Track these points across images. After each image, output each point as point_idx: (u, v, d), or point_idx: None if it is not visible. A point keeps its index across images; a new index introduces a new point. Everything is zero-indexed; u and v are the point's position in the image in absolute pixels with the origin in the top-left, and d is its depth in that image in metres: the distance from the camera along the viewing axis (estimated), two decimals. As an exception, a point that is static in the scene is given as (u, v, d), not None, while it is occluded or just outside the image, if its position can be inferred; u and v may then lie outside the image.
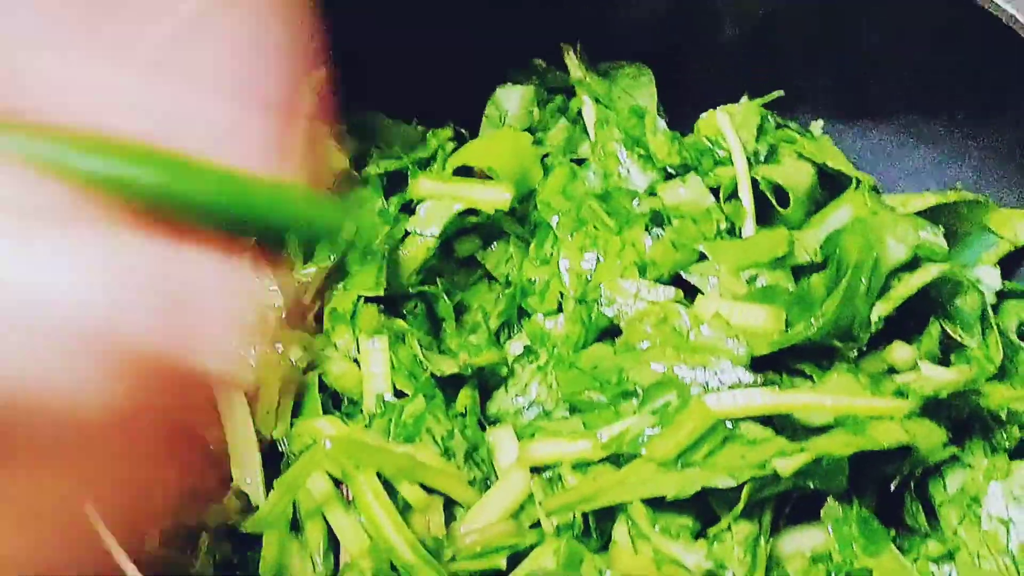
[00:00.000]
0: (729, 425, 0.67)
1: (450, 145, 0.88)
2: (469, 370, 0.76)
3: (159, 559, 0.69)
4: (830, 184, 0.85)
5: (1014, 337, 0.80)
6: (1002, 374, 0.76)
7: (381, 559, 0.67)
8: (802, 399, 0.69)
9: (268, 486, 0.72)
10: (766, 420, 0.68)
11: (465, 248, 0.86)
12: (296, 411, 0.76)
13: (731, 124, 0.84)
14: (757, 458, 0.66)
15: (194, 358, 0.38)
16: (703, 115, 0.87)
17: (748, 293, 0.76)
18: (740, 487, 0.65)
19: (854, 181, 0.83)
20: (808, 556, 0.69)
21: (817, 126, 0.90)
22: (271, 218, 0.42)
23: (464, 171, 0.84)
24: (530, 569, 0.67)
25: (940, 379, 0.72)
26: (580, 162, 0.88)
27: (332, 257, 0.80)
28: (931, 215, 0.82)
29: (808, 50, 0.87)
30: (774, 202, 0.82)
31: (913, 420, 0.70)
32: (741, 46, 0.89)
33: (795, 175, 0.83)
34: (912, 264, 0.76)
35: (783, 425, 0.69)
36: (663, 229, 0.81)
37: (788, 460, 0.65)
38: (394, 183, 0.85)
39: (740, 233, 0.81)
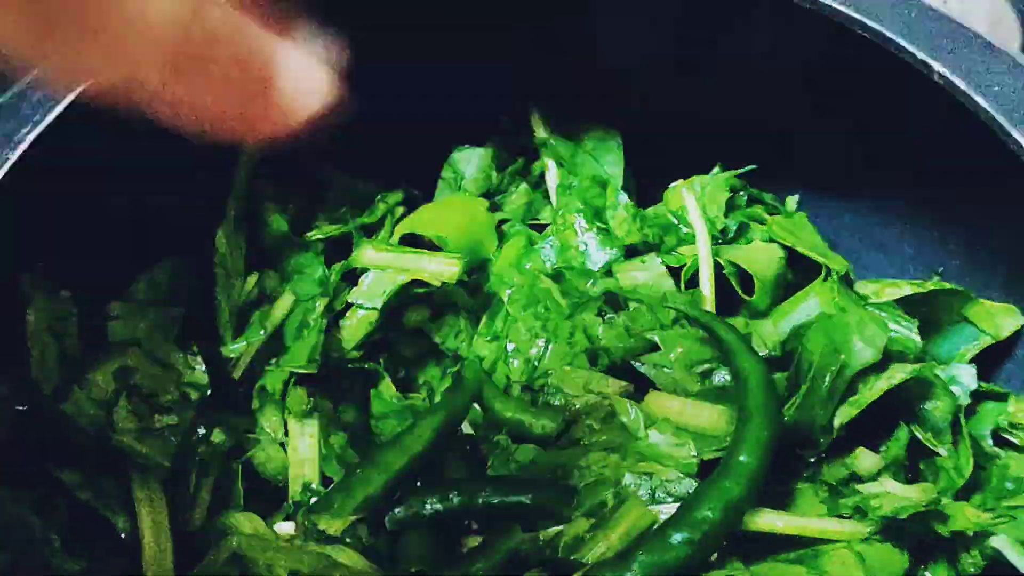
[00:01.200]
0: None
1: (399, 210, 0.83)
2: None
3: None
4: (801, 263, 0.80)
5: (988, 444, 0.74)
6: (972, 487, 0.71)
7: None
8: (753, 518, 0.64)
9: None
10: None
11: (413, 318, 0.80)
12: (223, 498, 0.71)
13: (697, 201, 0.79)
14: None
15: None
16: (672, 184, 0.82)
17: (701, 390, 0.71)
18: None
19: (823, 270, 0.78)
20: None
21: (793, 200, 0.84)
22: None
23: (413, 237, 0.79)
24: None
25: (902, 497, 0.67)
26: (541, 227, 0.83)
27: (264, 332, 0.75)
28: (907, 304, 0.77)
29: (791, 118, 0.81)
30: (738, 289, 0.77)
31: (871, 543, 0.65)
32: (719, 110, 0.83)
33: (762, 259, 0.78)
34: (882, 362, 0.71)
35: (734, 536, 0.64)
36: (617, 313, 0.75)
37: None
38: (337, 248, 0.80)
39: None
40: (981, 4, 1.02)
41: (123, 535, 0.69)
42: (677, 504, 0.64)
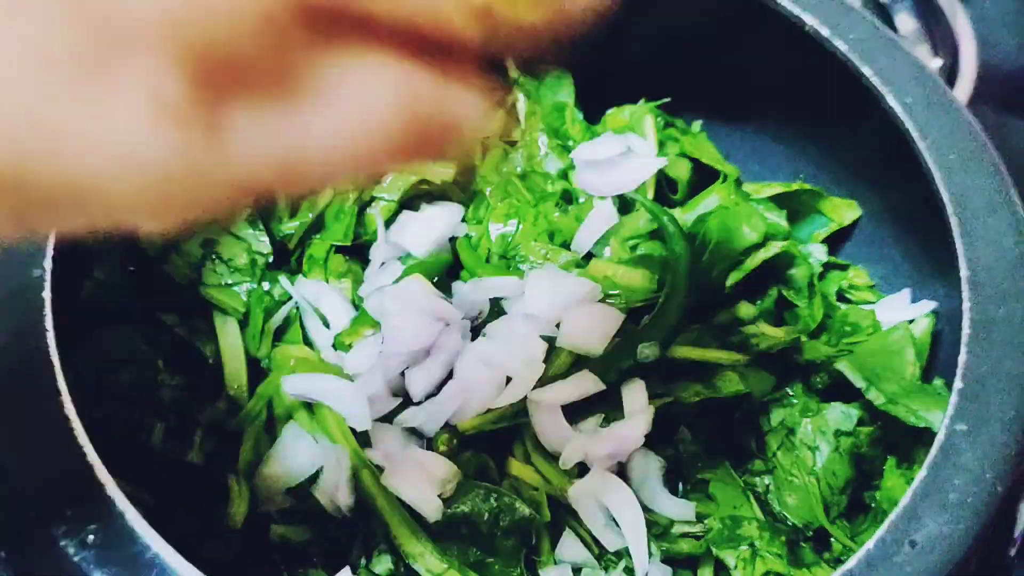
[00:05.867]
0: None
1: (411, 129, 0.79)
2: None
3: (163, 448, 0.62)
4: (705, 172, 0.77)
5: (833, 300, 0.73)
6: (822, 329, 0.70)
7: (333, 457, 0.61)
8: (673, 349, 0.63)
9: (251, 395, 0.65)
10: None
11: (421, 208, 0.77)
12: (279, 337, 0.69)
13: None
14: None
15: None
16: (609, 111, 0.79)
17: (630, 258, 0.69)
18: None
19: (721, 175, 0.75)
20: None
21: (697, 124, 0.81)
22: None
23: (421, 149, 0.76)
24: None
25: (772, 335, 0.65)
26: (512, 143, 0.80)
27: (312, 214, 0.72)
28: (778, 200, 0.75)
29: (695, 67, 0.78)
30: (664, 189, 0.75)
31: (749, 369, 0.64)
32: (643, 60, 0.79)
33: (677, 168, 0.75)
34: (760, 241, 0.69)
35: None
36: (570, 205, 0.73)
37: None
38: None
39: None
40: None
41: (210, 360, 0.67)
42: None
